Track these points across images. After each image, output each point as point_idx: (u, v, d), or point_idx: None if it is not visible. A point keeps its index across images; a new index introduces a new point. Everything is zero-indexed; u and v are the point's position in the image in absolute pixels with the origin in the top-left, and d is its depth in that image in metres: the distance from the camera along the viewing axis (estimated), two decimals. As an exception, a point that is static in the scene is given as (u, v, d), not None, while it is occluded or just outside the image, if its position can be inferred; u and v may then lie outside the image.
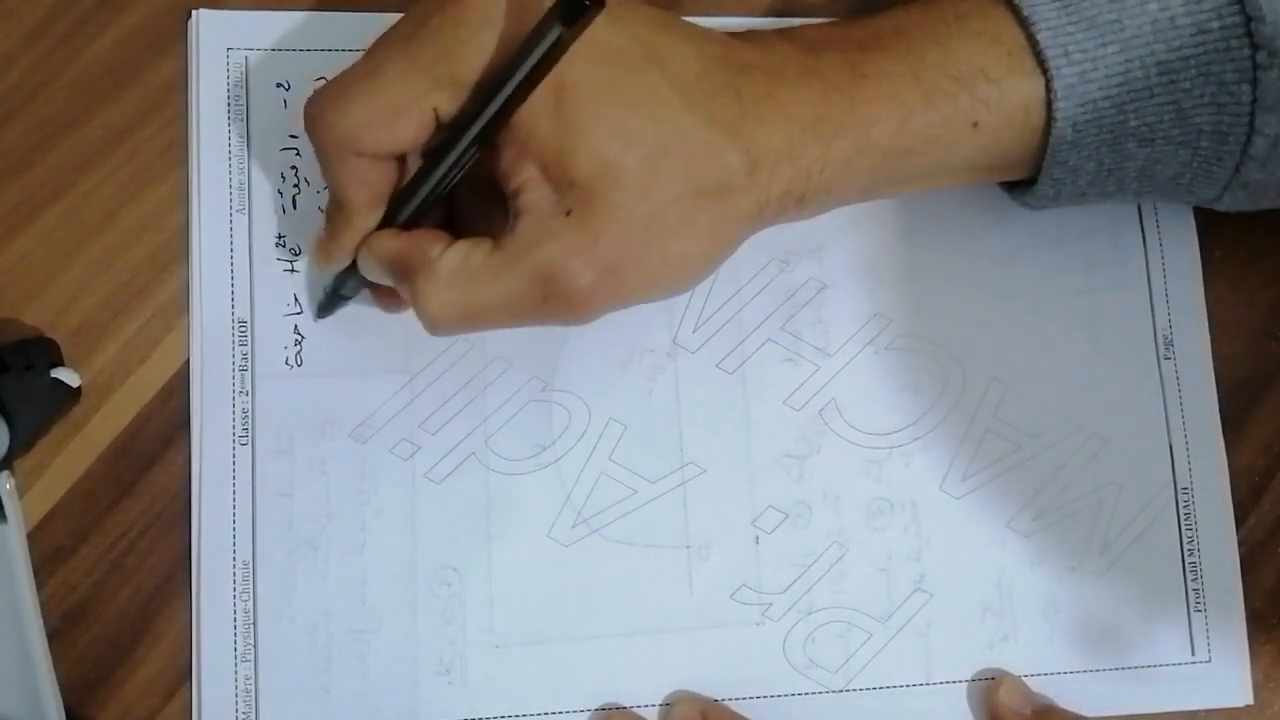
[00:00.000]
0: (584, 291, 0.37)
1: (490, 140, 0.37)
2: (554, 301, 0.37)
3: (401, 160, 0.39)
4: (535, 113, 0.36)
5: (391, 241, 0.39)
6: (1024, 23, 0.39)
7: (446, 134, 0.37)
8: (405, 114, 0.37)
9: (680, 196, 0.37)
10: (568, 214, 0.36)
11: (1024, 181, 0.43)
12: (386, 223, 0.39)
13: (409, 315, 0.44)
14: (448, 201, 0.40)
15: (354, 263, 0.40)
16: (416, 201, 0.39)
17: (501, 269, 0.37)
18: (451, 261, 0.37)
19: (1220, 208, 0.43)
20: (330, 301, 0.43)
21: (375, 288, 0.42)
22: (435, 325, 0.38)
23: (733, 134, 0.37)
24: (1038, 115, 0.39)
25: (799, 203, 0.40)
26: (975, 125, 0.40)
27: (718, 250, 0.39)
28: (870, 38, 0.40)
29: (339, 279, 0.42)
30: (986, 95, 0.39)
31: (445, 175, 0.38)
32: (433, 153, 0.38)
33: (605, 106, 0.36)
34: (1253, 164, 0.39)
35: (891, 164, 0.40)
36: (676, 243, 0.37)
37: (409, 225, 0.39)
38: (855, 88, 0.39)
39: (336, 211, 0.40)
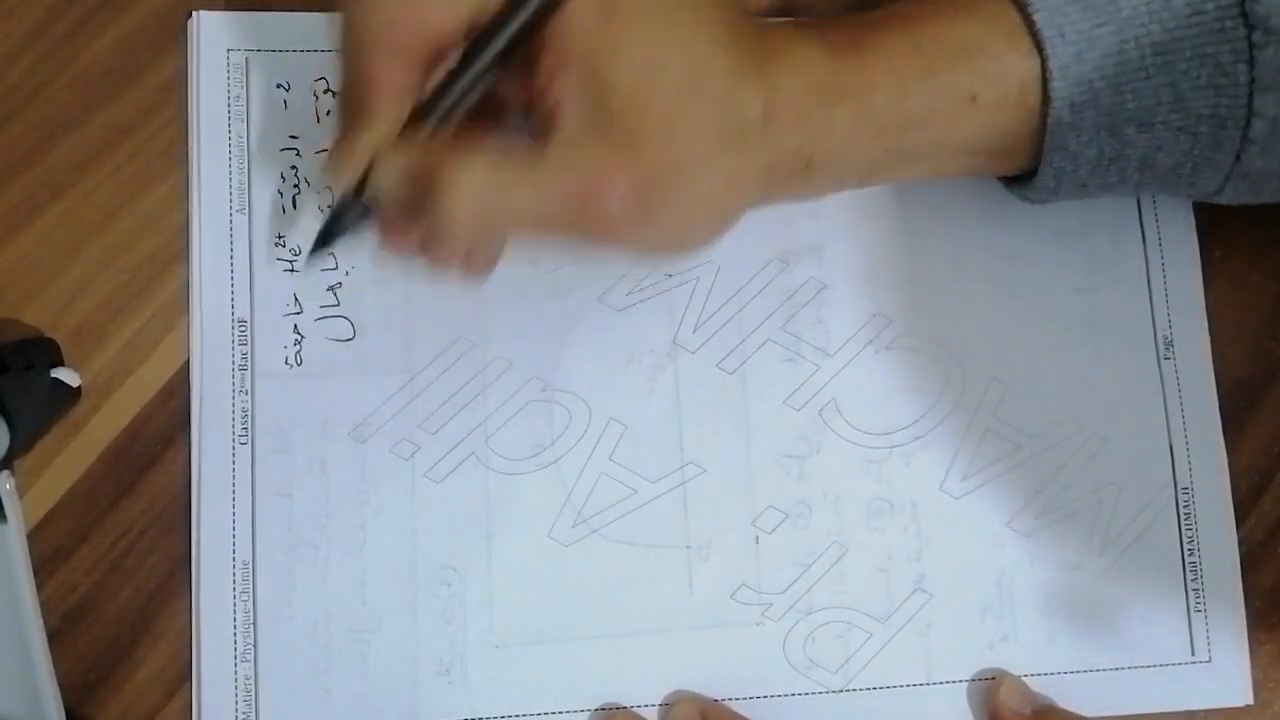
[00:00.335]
0: (614, 213, 0.37)
1: (529, 38, 0.36)
2: (585, 219, 0.37)
3: (427, 67, 0.38)
4: (579, 21, 0.36)
5: (419, 151, 0.37)
6: (1021, 5, 0.40)
7: (478, 36, 0.37)
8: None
9: (705, 133, 0.37)
10: (604, 134, 0.36)
11: (1025, 177, 0.43)
12: (412, 121, 0.37)
13: (410, 315, 0.44)
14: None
15: (362, 182, 0.37)
16: (449, 100, 0.37)
17: (536, 175, 0.36)
18: (485, 161, 0.36)
19: (1223, 200, 0.43)
20: (328, 232, 0.39)
21: (381, 217, 0.39)
22: (456, 221, 0.36)
23: (755, 82, 0.38)
24: (1034, 95, 0.40)
25: (806, 169, 0.40)
26: (973, 99, 0.40)
27: (732, 203, 0.40)
28: (876, 18, 0.41)
29: (342, 203, 0.38)
30: (984, 70, 0.40)
31: (478, 76, 0.37)
32: (464, 55, 0.37)
33: (648, 26, 0.37)
34: (1253, 149, 0.39)
35: (892, 136, 0.40)
36: (702, 181, 0.38)
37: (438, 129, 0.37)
38: (858, 56, 0.40)
39: (357, 112, 0.37)
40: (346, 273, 0.45)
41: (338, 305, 0.44)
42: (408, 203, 0.37)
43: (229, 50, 0.45)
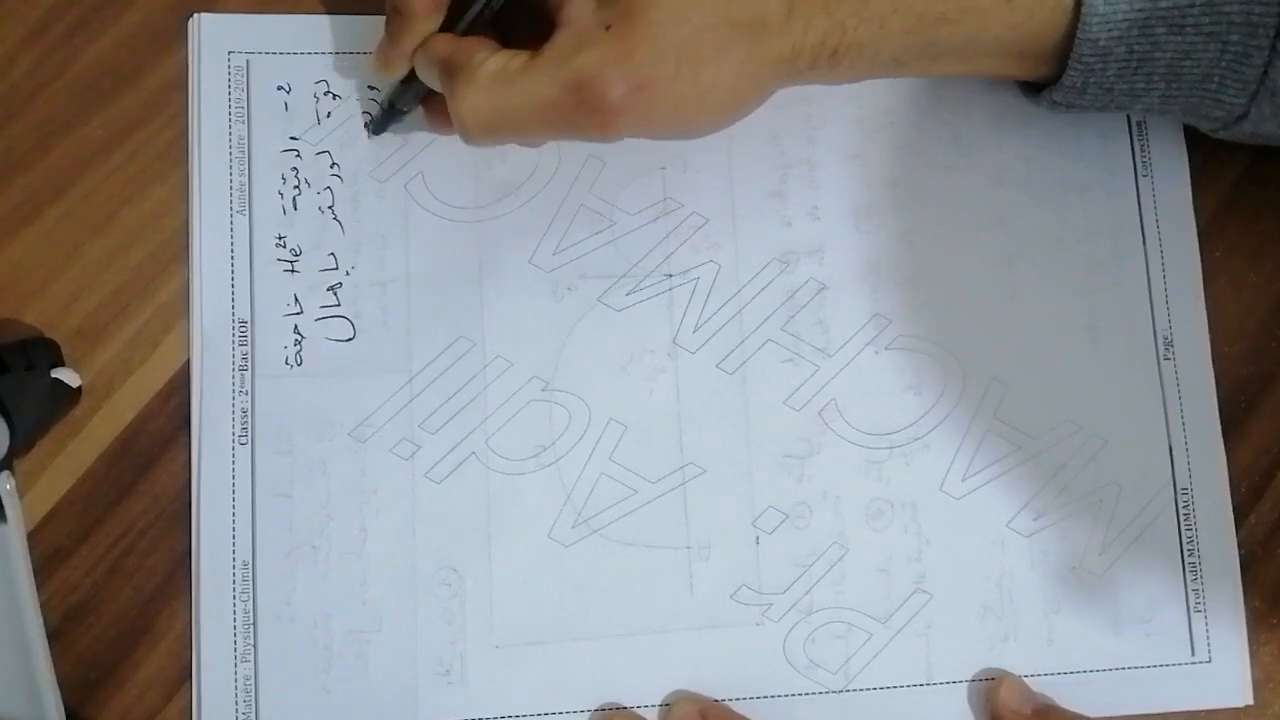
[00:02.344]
0: (614, 104, 0.38)
1: None
2: (585, 110, 0.38)
3: None
4: None
5: (444, 44, 0.41)
6: None
7: None
8: None
9: (716, 26, 0.38)
10: (607, 28, 0.38)
11: (1051, 84, 0.43)
12: (444, 30, 0.41)
13: (410, 315, 0.44)
14: (503, 26, 0.41)
15: (411, 73, 0.42)
16: (475, 10, 0.41)
17: (538, 75, 0.38)
18: (492, 66, 0.39)
19: (1246, 129, 0.43)
20: (386, 116, 0.45)
21: (429, 104, 0.44)
22: (468, 128, 0.40)
23: None
24: None
25: (832, 57, 0.40)
26: None
27: (747, 90, 0.40)
28: None
29: (395, 91, 0.44)
30: None
31: None
32: None
33: None
34: None
35: (925, 30, 0.40)
36: (708, 72, 0.39)
37: (466, 34, 0.41)
38: None
39: (397, 16, 0.41)
40: (347, 273, 0.45)
41: (338, 305, 0.44)
42: (442, 84, 0.40)
43: (230, 52, 0.45)
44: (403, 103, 0.44)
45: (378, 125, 0.45)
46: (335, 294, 0.44)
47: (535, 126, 0.39)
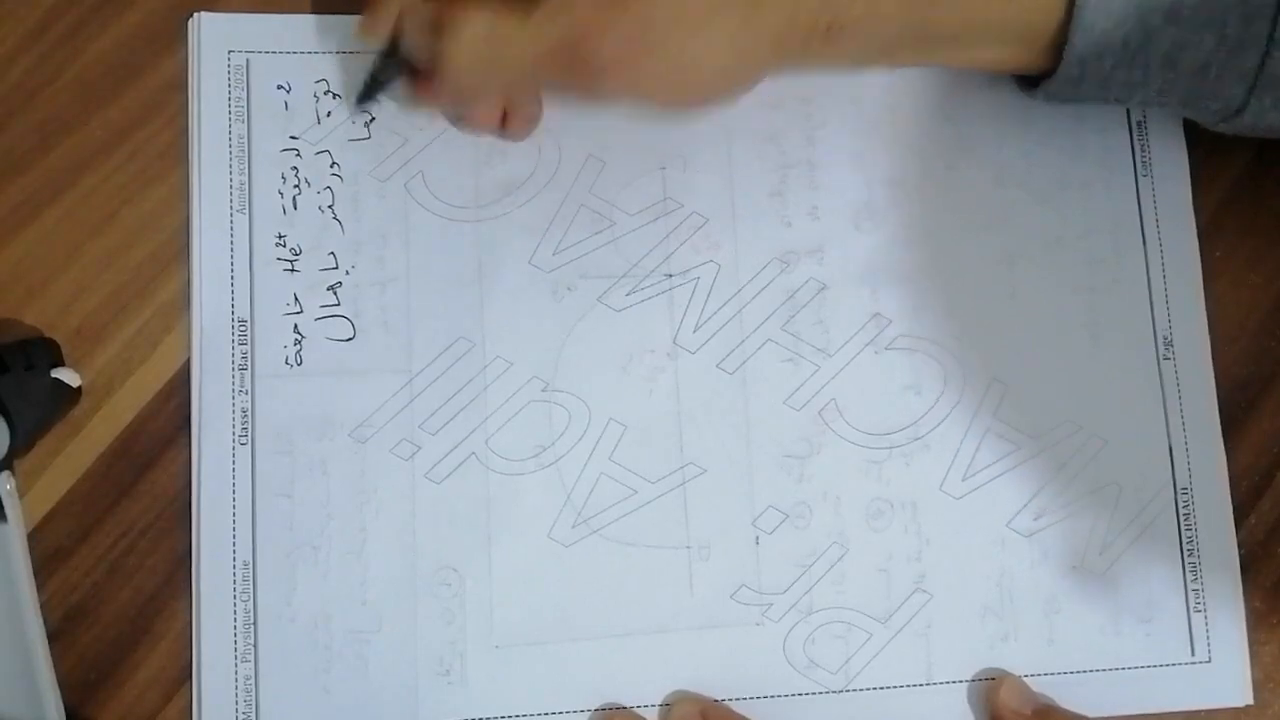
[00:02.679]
0: (605, 61, 0.38)
1: None
2: (576, 65, 0.38)
3: None
4: None
5: (431, 4, 0.40)
6: None
7: None
8: None
9: None
10: None
11: (1048, 77, 0.43)
12: None
13: (410, 315, 0.44)
14: None
15: (393, 44, 0.42)
16: None
17: (533, 28, 0.39)
18: (486, 18, 0.39)
19: (1246, 122, 0.43)
20: (369, 88, 0.44)
21: (413, 73, 0.43)
22: (459, 72, 0.40)
23: None
24: None
25: (825, 35, 0.40)
26: None
27: (737, 65, 0.40)
28: None
29: (378, 62, 0.43)
30: None
31: None
32: None
33: None
34: (1279, 53, 0.40)
35: (918, 10, 0.40)
36: (701, 39, 0.39)
37: None
38: None
39: None
40: (347, 272, 0.45)
41: (338, 305, 0.44)
42: (428, 53, 0.40)
43: (229, 51, 0.45)
44: (385, 74, 0.44)
45: (361, 99, 0.44)
46: (335, 293, 0.44)
47: (525, 79, 0.40)
